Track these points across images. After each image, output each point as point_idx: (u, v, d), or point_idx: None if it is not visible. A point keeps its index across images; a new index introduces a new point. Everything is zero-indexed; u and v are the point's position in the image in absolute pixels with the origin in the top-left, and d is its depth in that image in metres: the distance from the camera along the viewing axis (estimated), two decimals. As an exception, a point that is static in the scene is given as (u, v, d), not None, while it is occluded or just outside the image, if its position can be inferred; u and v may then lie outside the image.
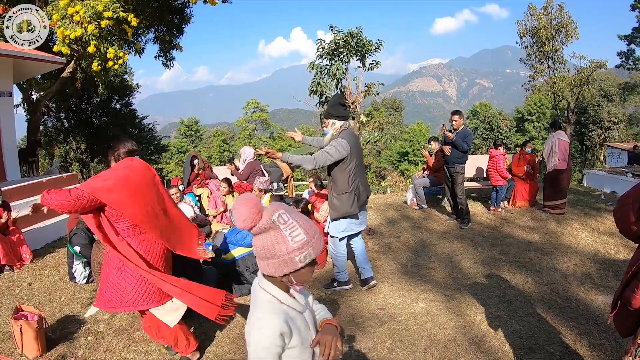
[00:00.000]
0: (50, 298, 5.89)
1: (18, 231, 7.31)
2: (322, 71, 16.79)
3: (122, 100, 23.07)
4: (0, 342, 4.79)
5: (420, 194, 9.48)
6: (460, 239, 7.44)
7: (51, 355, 4.45)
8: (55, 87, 15.01)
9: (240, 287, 5.50)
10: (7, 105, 10.72)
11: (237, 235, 5.60)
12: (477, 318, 4.71)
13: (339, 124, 5.01)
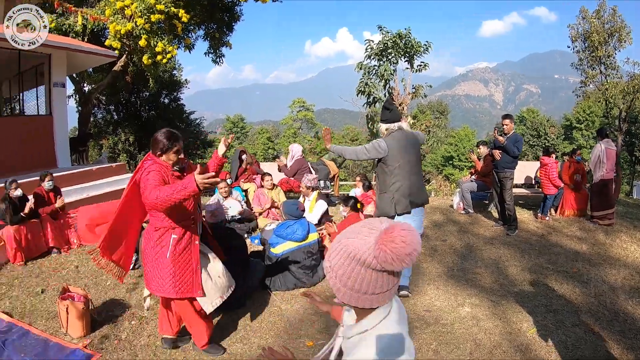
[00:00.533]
0: (96, 281, 6.07)
1: (67, 215, 7.56)
2: (370, 72, 16.69)
3: (170, 95, 23.45)
4: (46, 321, 4.95)
5: (467, 198, 9.31)
6: (507, 245, 7.29)
7: (95, 336, 4.57)
8: (107, 80, 15.40)
9: (285, 281, 5.55)
10: (60, 95, 11.11)
11: (287, 230, 5.64)
12: (523, 326, 4.62)
13: (384, 127, 5.14)
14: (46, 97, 10.95)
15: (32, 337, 4.56)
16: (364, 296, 1.42)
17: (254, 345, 4.34)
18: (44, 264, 6.76)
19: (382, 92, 16.69)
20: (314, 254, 5.74)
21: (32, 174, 8.55)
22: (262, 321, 4.83)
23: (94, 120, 20.70)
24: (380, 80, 16.60)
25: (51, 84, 10.77)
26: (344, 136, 47.39)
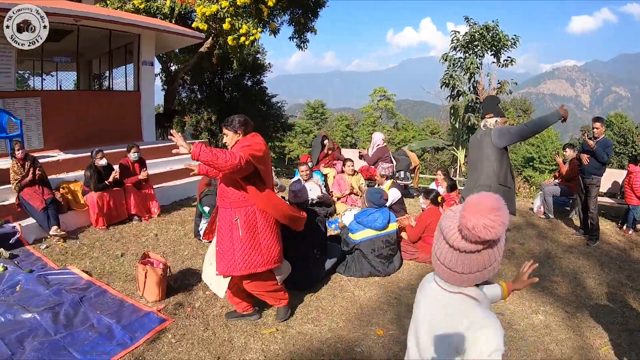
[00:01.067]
0: (174, 250, 6.25)
1: (150, 186, 7.86)
2: (455, 64, 16.30)
3: (253, 78, 23.75)
4: (123, 283, 5.13)
5: (549, 203, 8.82)
6: (587, 256, 6.79)
7: (169, 301, 4.66)
8: (193, 60, 15.79)
9: (360, 268, 5.49)
10: (148, 73, 11.51)
11: (368, 217, 5.58)
12: (596, 342, 4.29)
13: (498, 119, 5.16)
14: (135, 75, 11.37)
15: (109, 296, 4.71)
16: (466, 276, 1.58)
17: (325, 328, 4.30)
18: (124, 229, 7.06)
19: (466, 85, 16.23)
20: (392, 244, 5.66)
21: (119, 146, 8.93)
22: (335, 305, 4.78)
23: (179, 98, 21.35)
24: (465, 74, 16.15)
25: (140, 62, 11.15)
26: (424, 129, 46.61)
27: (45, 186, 6.76)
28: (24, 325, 4.04)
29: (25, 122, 8.48)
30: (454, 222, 1.53)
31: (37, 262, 5.64)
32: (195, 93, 22.42)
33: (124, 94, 11.47)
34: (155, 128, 12.11)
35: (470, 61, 15.69)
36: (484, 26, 15.34)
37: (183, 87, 21.65)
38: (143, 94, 11.32)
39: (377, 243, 5.53)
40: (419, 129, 47.56)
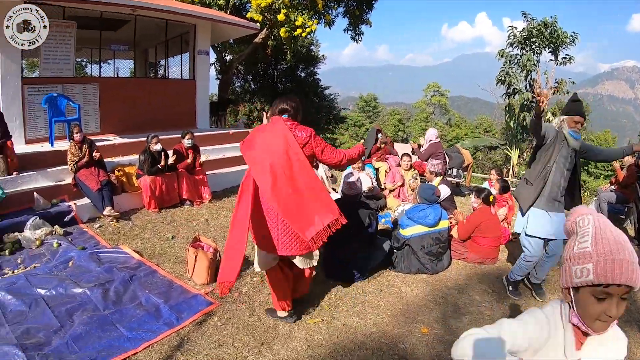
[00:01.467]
0: (224, 235, 6.19)
1: (202, 172, 7.94)
2: (512, 60, 15.86)
3: (307, 70, 23.83)
4: (172, 264, 5.18)
5: (604, 209, 8.37)
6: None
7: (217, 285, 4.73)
8: (247, 51, 15.94)
9: (409, 264, 5.36)
10: (203, 62, 11.64)
11: (420, 213, 5.45)
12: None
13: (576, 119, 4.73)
14: (190, 64, 11.54)
15: (158, 276, 4.76)
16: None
17: (370, 322, 4.21)
18: (176, 213, 7.15)
19: (522, 83, 15.77)
20: (442, 241, 5.51)
21: (173, 132, 9.06)
22: (381, 299, 4.68)
23: (232, 88, 21.61)
24: (521, 71, 15.69)
25: (195, 52, 11.30)
26: (477, 126, 45.63)
27: (101, 168, 6.95)
28: (74, 300, 4.14)
29: (84, 107, 8.75)
30: None
31: (90, 240, 5.80)
32: (249, 83, 22.69)
33: (179, 82, 11.69)
34: (210, 116, 12.26)
35: (527, 58, 15.22)
36: (542, 22, 14.83)
37: (237, 77, 21.94)
38: (198, 82, 11.47)
39: (427, 240, 5.39)
40: (472, 126, 46.58)
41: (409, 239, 5.42)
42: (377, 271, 5.35)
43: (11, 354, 3.27)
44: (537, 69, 15.44)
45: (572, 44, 14.95)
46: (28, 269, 4.88)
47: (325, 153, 3.89)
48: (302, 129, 3.75)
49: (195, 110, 11.43)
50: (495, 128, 39.93)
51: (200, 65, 11.45)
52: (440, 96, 53.88)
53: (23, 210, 6.19)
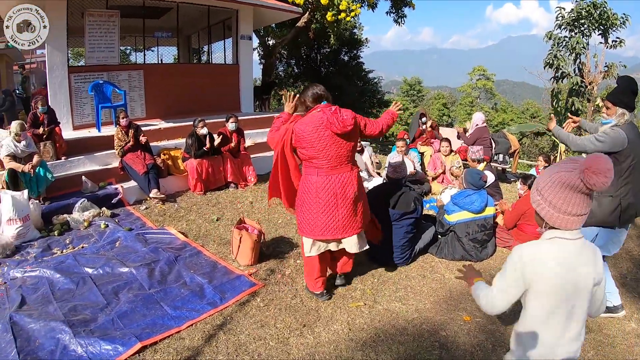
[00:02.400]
0: (268, 218, 6.27)
1: (247, 156, 7.98)
2: (560, 43, 15.30)
3: (350, 53, 23.63)
4: (217, 246, 5.21)
5: None
6: None
7: (261, 267, 4.67)
8: (290, 35, 15.89)
9: (453, 251, 5.25)
10: (246, 47, 11.68)
11: (465, 199, 5.33)
12: None
13: (628, 115, 3.98)
14: (233, 49, 11.60)
15: (203, 257, 4.79)
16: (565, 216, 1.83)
17: (412, 307, 4.13)
18: (221, 195, 7.21)
19: (571, 66, 15.12)
20: (488, 228, 5.37)
21: (218, 116, 9.12)
22: (424, 285, 4.59)
23: (276, 72, 21.63)
24: (570, 54, 15.10)
25: (238, 37, 11.34)
26: (524, 112, 44.48)
27: (147, 152, 7.05)
28: (120, 279, 4.21)
29: (129, 93, 8.93)
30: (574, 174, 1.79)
31: (137, 221, 5.90)
32: (292, 67, 22.69)
33: (222, 66, 11.79)
34: (254, 100, 12.29)
35: (576, 40, 14.58)
36: (591, 3, 14.17)
37: (280, 61, 21.98)
38: (241, 67, 11.52)
39: (473, 227, 5.25)
40: (519, 111, 45.39)
41: (454, 224, 5.30)
42: (421, 256, 5.27)
43: (58, 329, 3.34)
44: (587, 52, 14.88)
45: (622, 26, 14.24)
46: (76, 249, 5.00)
47: (369, 126, 4.01)
48: (344, 111, 3.76)
49: (239, 95, 11.49)
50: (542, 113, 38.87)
51: (243, 50, 11.49)
52: (486, 80, 52.67)
53: (72, 193, 6.39)
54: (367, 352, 3.44)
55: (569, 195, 1.81)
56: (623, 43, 14.43)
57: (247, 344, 3.42)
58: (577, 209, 1.82)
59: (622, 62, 14.79)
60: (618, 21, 14.05)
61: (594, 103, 14.69)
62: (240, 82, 11.54)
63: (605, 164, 1.71)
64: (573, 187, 1.79)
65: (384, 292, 4.40)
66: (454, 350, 3.56)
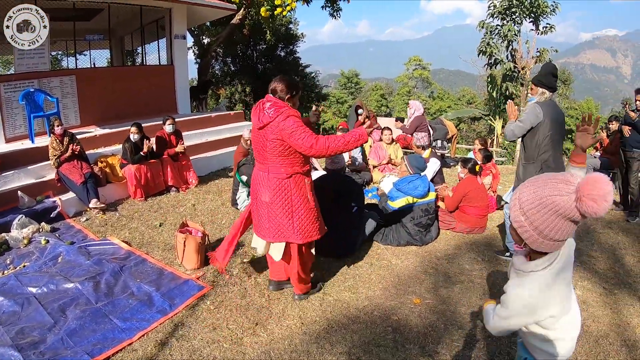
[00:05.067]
0: (212, 219, 6.29)
1: (186, 158, 7.90)
2: (493, 31, 15.88)
3: (286, 49, 23.68)
4: (162, 252, 5.19)
5: None
6: (626, 232, 6.47)
7: (208, 269, 4.70)
8: (225, 33, 15.75)
9: (398, 237, 5.43)
10: (181, 47, 11.53)
11: (409, 185, 5.48)
12: (633, 320, 4.09)
13: (548, 94, 4.60)
14: (167, 49, 11.42)
15: (148, 265, 4.76)
16: (549, 242, 1.72)
17: (362, 295, 4.29)
18: (162, 200, 7.14)
19: (504, 53, 15.88)
20: (431, 212, 5.56)
21: (155, 119, 8.99)
22: (372, 273, 4.76)
23: (212, 71, 21.48)
24: (502, 41, 15.77)
25: (172, 36, 11.17)
26: (460, 98, 45.72)
27: (84, 161, 6.86)
28: (66, 295, 4.12)
29: (62, 100, 8.64)
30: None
31: (78, 234, 5.75)
32: (229, 65, 22.52)
33: (157, 68, 11.55)
34: (190, 101, 12.16)
35: (508, 28, 15.30)
36: (522, -8, 14.87)
37: (216, 60, 21.76)
38: (176, 67, 11.39)
39: (417, 211, 5.44)
40: (455, 98, 46.66)
41: (398, 211, 5.45)
42: (367, 245, 5.43)
43: (7, 355, 3.27)
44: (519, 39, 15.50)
45: (552, 14, 15.05)
46: (17, 268, 4.83)
47: (294, 137, 3.55)
48: (276, 108, 3.61)
49: (175, 96, 11.36)
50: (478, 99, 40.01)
51: (177, 50, 11.34)
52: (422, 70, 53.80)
53: (8, 210, 6.12)
54: (322, 343, 3.56)
55: (559, 224, 1.67)
56: (553, 29, 15.14)
57: (201, 348, 3.47)
58: (564, 235, 1.71)
59: (553, 47, 15.52)
60: (548, 9, 14.88)
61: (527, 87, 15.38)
62: (176, 83, 11.40)
63: (604, 187, 1.55)
64: (566, 216, 1.64)
65: (333, 283, 4.54)
66: (407, 333, 3.73)
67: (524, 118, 4.53)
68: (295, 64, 24.14)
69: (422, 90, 53.14)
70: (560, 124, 4.62)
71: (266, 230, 3.86)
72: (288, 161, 3.69)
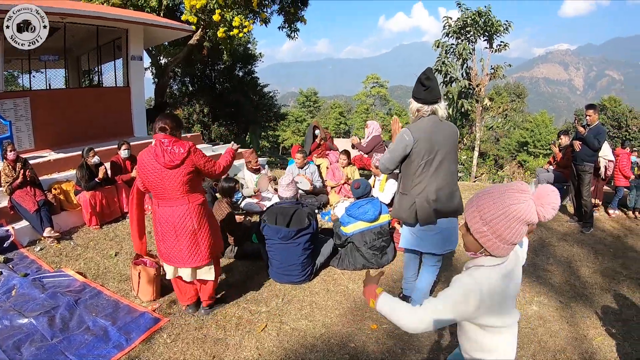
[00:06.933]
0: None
1: (143, 182, 7.86)
2: (448, 50, 16.32)
3: (244, 68, 23.72)
4: (118, 283, 5.16)
5: None
6: (581, 243, 6.83)
7: (164, 300, 4.71)
8: (183, 53, 15.71)
9: (354, 261, 5.52)
10: (137, 68, 11.50)
11: (359, 210, 5.58)
12: (590, 332, 4.33)
13: (415, 106, 3.89)
14: (124, 70, 11.35)
15: (104, 297, 4.74)
16: (509, 246, 1.89)
17: (319, 323, 4.34)
18: (118, 228, 7.06)
19: (459, 71, 16.31)
20: (384, 235, 5.68)
21: (110, 143, 8.91)
22: (329, 299, 4.82)
23: (170, 91, 21.33)
24: (457, 59, 16.21)
25: (129, 57, 11.12)
26: (417, 115, 46.65)
27: (37, 187, 6.74)
28: (20, 331, 4.06)
29: (15, 123, 8.48)
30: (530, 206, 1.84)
31: (32, 265, 5.65)
32: (187, 85, 22.43)
33: (113, 90, 11.45)
34: (147, 123, 12.09)
35: (463, 47, 15.73)
36: (476, 12, 15.35)
37: (174, 80, 21.63)
38: (133, 89, 11.33)
39: (369, 235, 5.54)
40: (414, 115, 47.54)
41: (351, 235, 5.57)
42: (323, 270, 5.51)
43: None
44: (473, 57, 15.97)
45: (505, 32, 15.58)
46: (-31, 302, 4.73)
47: (207, 166, 4.00)
48: (180, 145, 3.82)
49: (131, 118, 11.27)
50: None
51: (134, 71, 11.30)
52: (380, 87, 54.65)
53: (-40, 241, 5.95)
54: (279, 374, 3.60)
55: (519, 228, 1.84)
56: (507, 46, 15.67)
57: (158, 384, 3.47)
58: (520, 238, 1.88)
59: (506, 62, 16.08)
60: (501, 27, 15.35)
61: (482, 103, 15.90)
62: (132, 105, 11.33)
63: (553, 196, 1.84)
64: (526, 221, 1.83)
65: (289, 311, 4.58)
66: (364, 359, 3.79)
67: (393, 147, 3.93)
68: (253, 83, 24.23)
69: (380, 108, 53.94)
70: (445, 145, 3.84)
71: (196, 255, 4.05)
72: (198, 190, 4.06)
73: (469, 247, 2.00)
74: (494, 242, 1.87)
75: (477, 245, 1.95)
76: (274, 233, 5.02)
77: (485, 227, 1.88)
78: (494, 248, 1.89)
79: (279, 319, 4.41)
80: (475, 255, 1.99)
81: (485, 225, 1.87)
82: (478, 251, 1.96)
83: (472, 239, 1.96)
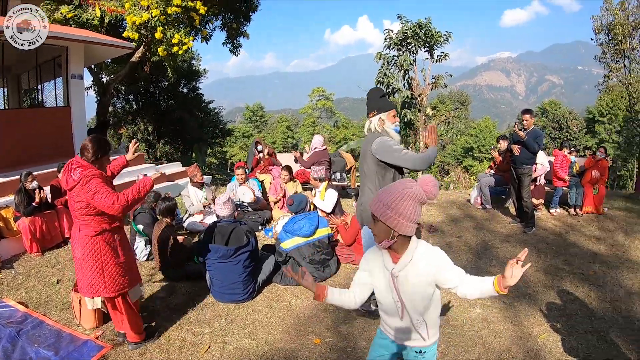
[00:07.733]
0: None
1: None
2: (390, 62, 16.66)
3: (189, 85, 23.54)
4: (60, 312, 5.07)
5: (486, 193, 9.15)
6: (523, 243, 7.14)
7: (107, 327, 4.67)
8: (125, 71, 15.47)
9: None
10: (78, 87, 11.22)
11: (295, 225, 5.69)
12: (534, 330, 4.56)
13: (382, 116, 4.40)
14: (64, 89, 11.07)
15: (46, 327, 4.66)
16: (412, 225, 2.27)
17: (262, 341, 4.39)
18: (60, 254, 6.91)
19: (401, 82, 16.67)
20: (324, 248, 5.77)
21: (50, 166, 8.68)
22: (272, 316, 4.88)
23: (113, 109, 20.97)
24: (399, 71, 16.56)
25: (69, 76, 10.86)
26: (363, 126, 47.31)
27: (-26, 214, 6.49)
28: (-40, 367, 3.96)
29: (-50, 146, 8.13)
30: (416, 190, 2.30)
31: (-29, 296, 5.47)
32: (130, 103, 22.06)
33: (53, 110, 11.20)
34: (89, 143, 11.79)
35: (404, 58, 16.09)
36: (416, 24, 15.77)
37: (117, 98, 21.24)
38: (73, 108, 11.04)
39: (307, 250, 5.69)
40: (359, 126, 48.22)
41: (289, 251, 5.67)
42: (266, 287, 5.56)
43: None
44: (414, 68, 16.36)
45: (446, 42, 16.06)
46: None
47: (97, 198, 3.72)
48: (79, 172, 3.74)
49: (72, 139, 10.92)
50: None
51: (74, 90, 11.04)
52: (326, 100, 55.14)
53: None
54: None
55: (415, 207, 2.27)
56: (448, 57, 16.15)
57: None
58: (418, 217, 2.31)
59: (448, 73, 16.57)
60: (442, 38, 15.84)
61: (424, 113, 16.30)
62: (73, 125, 11.00)
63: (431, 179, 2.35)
64: (418, 199, 2.28)
65: (232, 330, 4.61)
66: (308, 375, 3.83)
67: (411, 152, 4.15)
68: (198, 99, 24.10)
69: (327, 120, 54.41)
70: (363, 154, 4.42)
71: (81, 285, 4.04)
72: (96, 219, 3.89)
73: (380, 236, 2.34)
74: (399, 221, 2.24)
75: (387, 229, 2.29)
76: (213, 252, 5.06)
77: (388, 210, 2.25)
78: (400, 226, 2.25)
79: (222, 339, 4.44)
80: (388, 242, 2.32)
81: (389, 208, 2.25)
82: (388, 236, 2.31)
83: (381, 226, 2.31)
